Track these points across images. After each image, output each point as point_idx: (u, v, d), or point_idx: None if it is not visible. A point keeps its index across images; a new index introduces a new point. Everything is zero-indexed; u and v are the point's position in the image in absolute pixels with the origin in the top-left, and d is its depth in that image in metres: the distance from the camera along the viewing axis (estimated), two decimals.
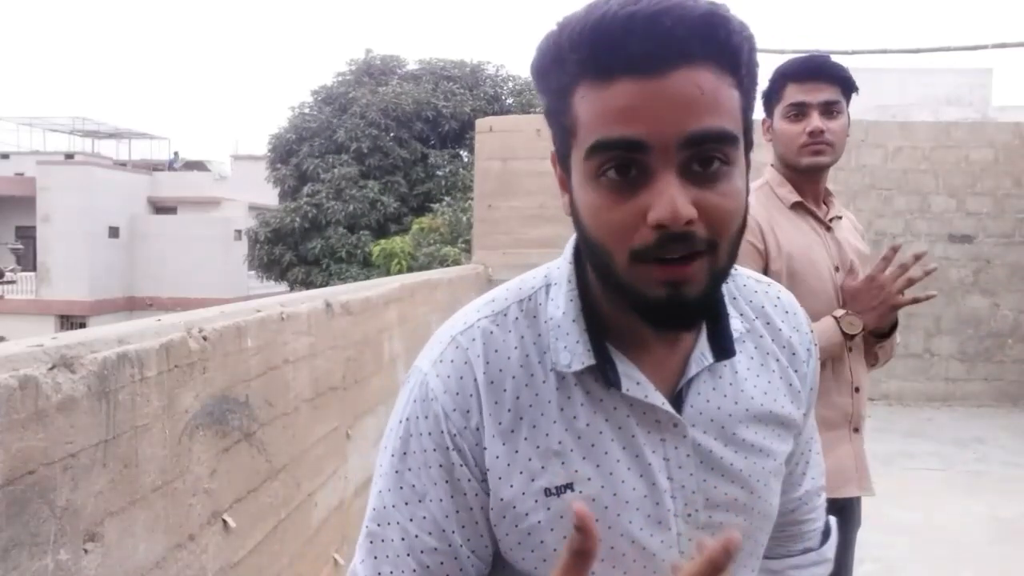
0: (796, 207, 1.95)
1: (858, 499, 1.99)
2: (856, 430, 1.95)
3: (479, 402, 0.79)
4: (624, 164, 0.69)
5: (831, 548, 1.03)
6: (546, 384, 0.79)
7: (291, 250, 18.99)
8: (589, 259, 0.77)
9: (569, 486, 0.78)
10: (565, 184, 0.78)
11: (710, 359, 0.81)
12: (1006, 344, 7.77)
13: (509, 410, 0.79)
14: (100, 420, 1.54)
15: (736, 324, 0.84)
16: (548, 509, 0.78)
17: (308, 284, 18.09)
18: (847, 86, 1.91)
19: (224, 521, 2.07)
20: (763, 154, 2.00)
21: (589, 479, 0.78)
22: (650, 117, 0.67)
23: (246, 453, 2.23)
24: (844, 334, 1.86)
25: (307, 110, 20.34)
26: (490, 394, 0.79)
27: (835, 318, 1.87)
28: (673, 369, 0.81)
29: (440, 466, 0.79)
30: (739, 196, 0.71)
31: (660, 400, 0.79)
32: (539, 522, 0.79)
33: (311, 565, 2.79)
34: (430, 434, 0.79)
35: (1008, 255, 7.78)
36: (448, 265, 10.26)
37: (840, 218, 2.03)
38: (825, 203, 2.01)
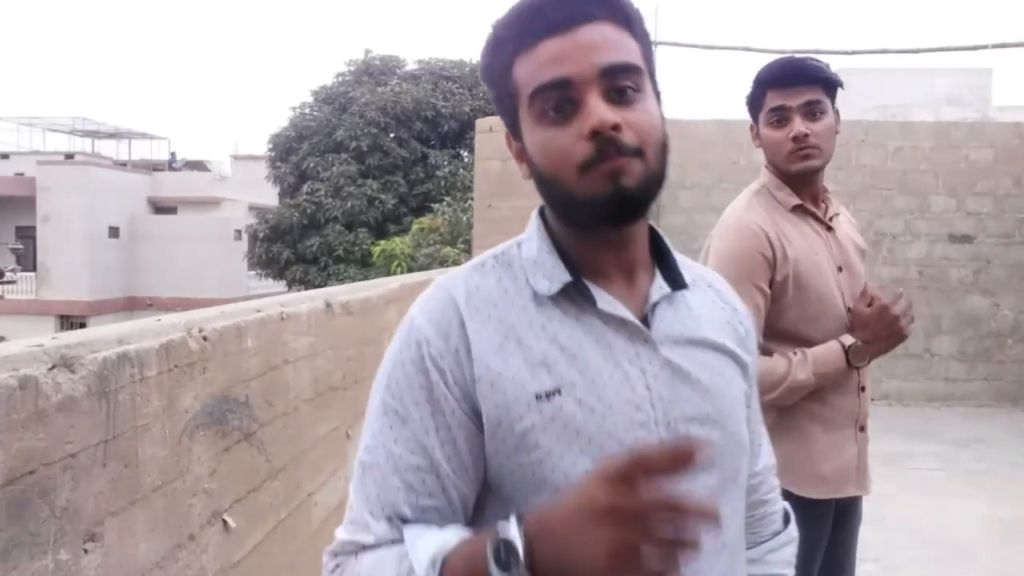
0: (797, 210, 1.93)
1: (860, 497, 1.99)
2: (862, 429, 1.95)
3: (461, 325, 0.88)
4: (559, 104, 0.86)
5: (794, 527, 1.13)
6: (526, 310, 0.90)
7: (289, 248, 18.97)
8: (549, 196, 0.91)
9: (557, 391, 0.86)
10: (521, 155, 0.93)
11: (668, 289, 0.94)
12: (1006, 344, 7.77)
13: (495, 330, 0.88)
14: (100, 420, 1.54)
15: (685, 275, 0.97)
16: (540, 412, 0.86)
17: (306, 283, 18.08)
18: (828, 84, 1.88)
19: (224, 521, 2.07)
20: (763, 155, 2.00)
21: (575, 385, 0.87)
22: (571, 60, 0.86)
23: (246, 453, 2.23)
24: (850, 364, 1.84)
25: (307, 110, 20.33)
26: (474, 318, 0.88)
27: (844, 348, 1.84)
28: (636, 303, 0.93)
29: (420, 386, 0.87)
30: (655, 112, 0.89)
31: (631, 316, 0.90)
32: (533, 425, 0.85)
33: (311, 565, 2.79)
34: (412, 360, 0.88)
35: (1008, 255, 7.78)
36: (448, 266, 10.25)
37: (838, 214, 2.02)
38: (823, 201, 1.99)
